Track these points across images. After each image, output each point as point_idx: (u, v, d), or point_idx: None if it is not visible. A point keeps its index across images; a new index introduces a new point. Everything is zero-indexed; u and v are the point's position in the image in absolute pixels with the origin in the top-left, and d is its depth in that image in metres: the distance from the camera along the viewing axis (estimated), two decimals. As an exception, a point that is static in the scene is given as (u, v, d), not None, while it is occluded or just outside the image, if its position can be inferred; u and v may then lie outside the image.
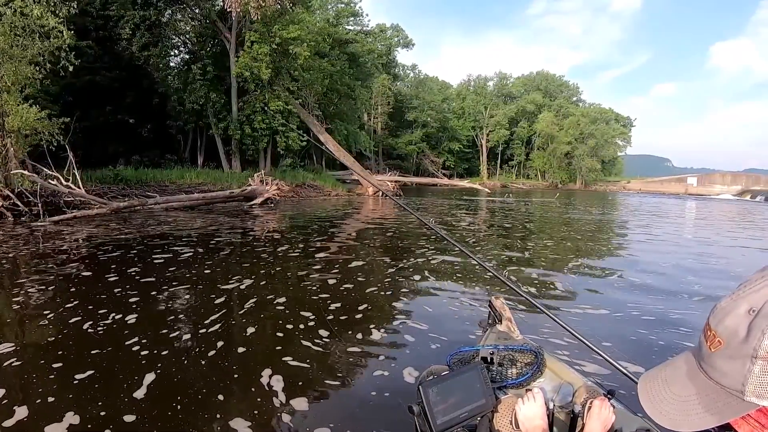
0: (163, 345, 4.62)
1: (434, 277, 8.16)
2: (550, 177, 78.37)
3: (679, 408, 0.73)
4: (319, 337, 4.93)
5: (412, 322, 5.58)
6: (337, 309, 5.95)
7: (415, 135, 69.52)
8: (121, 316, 5.36)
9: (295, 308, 5.91)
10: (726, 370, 0.68)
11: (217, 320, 5.34)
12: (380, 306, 6.31)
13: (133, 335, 4.80)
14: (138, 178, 23.21)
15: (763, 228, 19.96)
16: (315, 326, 5.28)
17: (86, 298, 6.07)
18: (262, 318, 5.59)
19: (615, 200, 43.49)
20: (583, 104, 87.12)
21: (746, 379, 0.65)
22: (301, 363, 4.30)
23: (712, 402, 0.70)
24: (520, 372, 2.25)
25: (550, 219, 21.36)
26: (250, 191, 21.84)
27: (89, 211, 14.99)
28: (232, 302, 6.15)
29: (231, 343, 4.76)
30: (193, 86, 29.90)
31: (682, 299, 7.14)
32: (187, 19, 32.99)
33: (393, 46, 66.08)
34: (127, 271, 7.75)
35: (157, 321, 5.34)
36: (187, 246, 10.40)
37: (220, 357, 4.40)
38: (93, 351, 4.39)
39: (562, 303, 6.85)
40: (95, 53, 27.35)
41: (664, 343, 5.13)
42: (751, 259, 11.52)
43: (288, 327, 5.23)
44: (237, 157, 32.60)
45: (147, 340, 4.69)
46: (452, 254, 10.09)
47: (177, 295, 6.44)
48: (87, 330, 4.94)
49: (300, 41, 29.99)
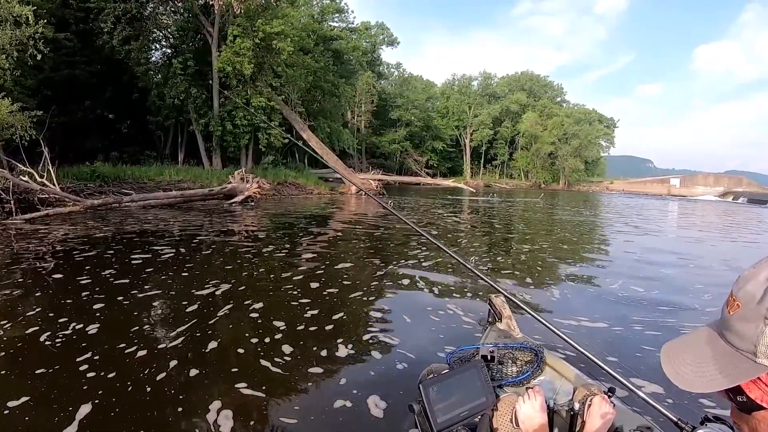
0: (114, 364, 4.25)
1: (420, 282, 8.03)
2: (534, 177, 78.79)
3: (695, 370, 0.76)
4: (281, 356, 4.60)
5: (384, 335, 5.33)
6: (312, 317, 5.78)
7: (398, 134, 69.58)
8: (82, 326, 5.14)
9: (269, 317, 5.71)
10: (741, 331, 0.73)
11: (181, 333, 5.08)
12: (356, 315, 6.12)
13: (88, 349, 4.52)
14: (116, 174, 22.72)
15: (753, 231, 20.15)
16: (282, 340, 5.01)
17: (50, 305, 5.87)
18: (230, 329, 5.37)
19: (601, 201, 43.93)
20: (567, 104, 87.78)
21: (758, 340, 0.70)
22: (253, 391, 3.87)
23: (726, 365, 0.73)
24: (520, 370, 2.28)
25: (542, 220, 21.55)
26: (230, 189, 21.55)
27: (62, 209, 14.60)
28: (204, 310, 5.91)
29: (184, 363, 4.37)
30: (174, 81, 29.39)
31: (683, 299, 7.31)
32: (169, 13, 32.40)
33: (378, 43, 66.08)
34: (101, 273, 7.55)
35: (117, 333, 5.03)
36: (166, 246, 10.22)
37: (167, 382, 3.98)
38: (38, 370, 4.09)
39: (562, 306, 6.90)
40: (74, 46, 26.83)
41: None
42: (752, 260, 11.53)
43: (252, 342, 4.95)
44: (218, 154, 32.10)
45: (99, 358, 4.37)
46: (440, 256, 10.02)
47: (146, 301, 6.21)
48: (42, 342, 4.69)
49: (284, 36, 29.69)
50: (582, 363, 2.37)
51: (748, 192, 64.51)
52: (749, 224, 24.23)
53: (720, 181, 73.18)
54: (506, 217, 22.34)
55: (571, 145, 73.42)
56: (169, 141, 35.92)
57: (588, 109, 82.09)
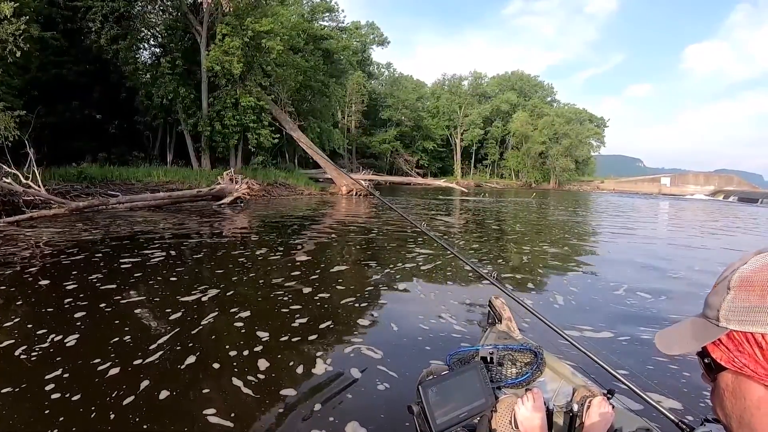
0: (82, 384, 3.96)
1: (414, 286, 7.81)
2: (524, 177, 79.07)
3: (675, 338, 0.88)
4: (255, 373, 4.28)
5: (368, 347, 5.02)
6: (299, 326, 5.55)
7: (389, 134, 69.67)
8: (61, 337, 4.93)
9: (254, 326, 5.50)
10: (711, 303, 0.83)
11: (160, 346, 4.81)
12: (344, 323, 5.86)
13: (61, 365, 4.26)
14: (103, 175, 22.54)
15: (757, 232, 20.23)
16: (261, 353, 4.74)
17: (32, 314, 5.70)
18: (212, 341, 5.13)
19: (593, 201, 44.15)
20: (558, 104, 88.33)
21: (721, 305, 0.79)
22: (220, 419, 3.56)
23: (697, 332, 0.84)
24: (519, 371, 2.28)
25: (538, 221, 21.40)
26: (218, 190, 21.33)
27: (47, 211, 14.31)
28: (188, 318, 5.68)
29: (155, 383, 4.03)
30: (162, 80, 29.19)
31: (686, 303, 7.30)
32: (158, 11, 32.16)
33: (368, 43, 65.98)
34: (88, 278, 7.34)
35: (94, 346, 4.77)
36: (156, 249, 10.02)
37: (132, 408, 3.66)
38: (4, 389, 3.83)
39: (562, 306, 6.90)
40: (62, 46, 26.54)
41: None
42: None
43: (230, 356, 4.66)
44: (207, 154, 31.95)
45: (69, 376, 4.08)
46: (438, 259, 9.92)
47: (129, 309, 6.02)
48: (18, 357, 4.43)
49: (273, 35, 29.64)
50: (581, 364, 2.36)
51: (738, 191, 65.09)
52: (748, 224, 24.39)
53: (710, 179, 73.74)
54: (502, 217, 22.27)
55: (562, 145, 73.82)
56: (158, 141, 35.70)
57: (578, 108, 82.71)
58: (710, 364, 0.82)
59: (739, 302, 0.76)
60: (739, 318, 0.76)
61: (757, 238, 17.93)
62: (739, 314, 0.76)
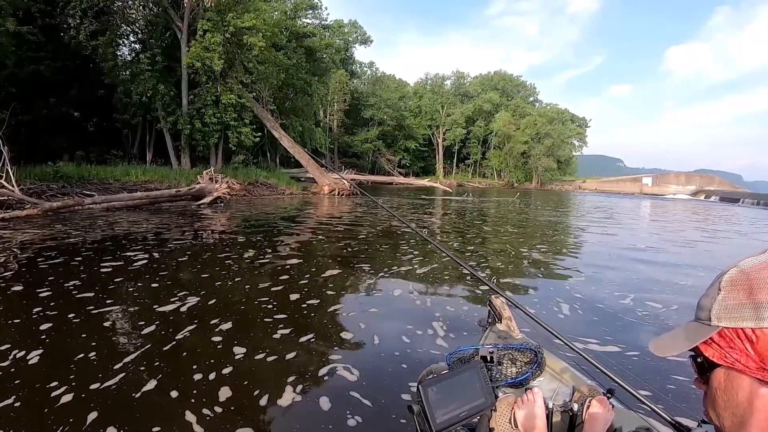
0: (29, 416, 3.55)
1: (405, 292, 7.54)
2: (506, 176, 79.59)
3: (669, 341, 0.89)
4: (213, 405, 3.82)
5: (345, 367, 4.62)
6: (277, 341, 5.23)
7: (371, 133, 69.75)
8: (24, 353, 4.59)
9: (232, 340, 5.18)
10: (702, 305, 0.85)
11: (125, 366, 4.41)
12: (324, 335, 5.56)
13: (16, 390, 3.89)
14: (80, 175, 22.08)
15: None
16: (227, 378, 4.29)
17: (-5, 326, 5.32)
18: (182, 359, 4.74)
19: (576, 200, 44.44)
20: (540, 104, 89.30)
21: (712, 306, 0.81)
22: None
23: (690, 333, 0.85)
24: (519, 371, 2.28)
25: (525, 222, 21.29)
26: (198, 190, 21.04)
27: (20, 212, 13.93)
28: (162, 332, 5.37)
29: (106, 415, 3.61)
30: (141, 77, 28.69)
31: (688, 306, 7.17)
32: (138, 7, 31.58)
33: (351, 42, 65.81)
34: (64, 285, 7.05)
35: (55, 365, 4.39)
36: (139, 251, 9.78)
37: None
38: None
39: (563, 307, 6.90)
40: (39, 41, 25.94)
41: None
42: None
43: (194, 380, 4.21)
44: (186, 153, 31.55)
45: (19, 405, 3.68)
46: (432, 263, 9.81)
47: (99, 322, 5.70)
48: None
49: (255, 31, 29.39)
50: (581, 365, 2.33)
51: (720, 191, 66.01)
52: (742, 225, 24.61)
53: (691, 179, 74.61)
54: (487, 217, 22.18)
55: (544, 145, 74.62)
56: (137, 140, 35.19)
57: (560, 108, 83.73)
58: (703, 363, 0.85)
59: (730, 301, 0.79)
60: (730, 315, 0.79)
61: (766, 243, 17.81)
62: (729, 312, 0.79)
